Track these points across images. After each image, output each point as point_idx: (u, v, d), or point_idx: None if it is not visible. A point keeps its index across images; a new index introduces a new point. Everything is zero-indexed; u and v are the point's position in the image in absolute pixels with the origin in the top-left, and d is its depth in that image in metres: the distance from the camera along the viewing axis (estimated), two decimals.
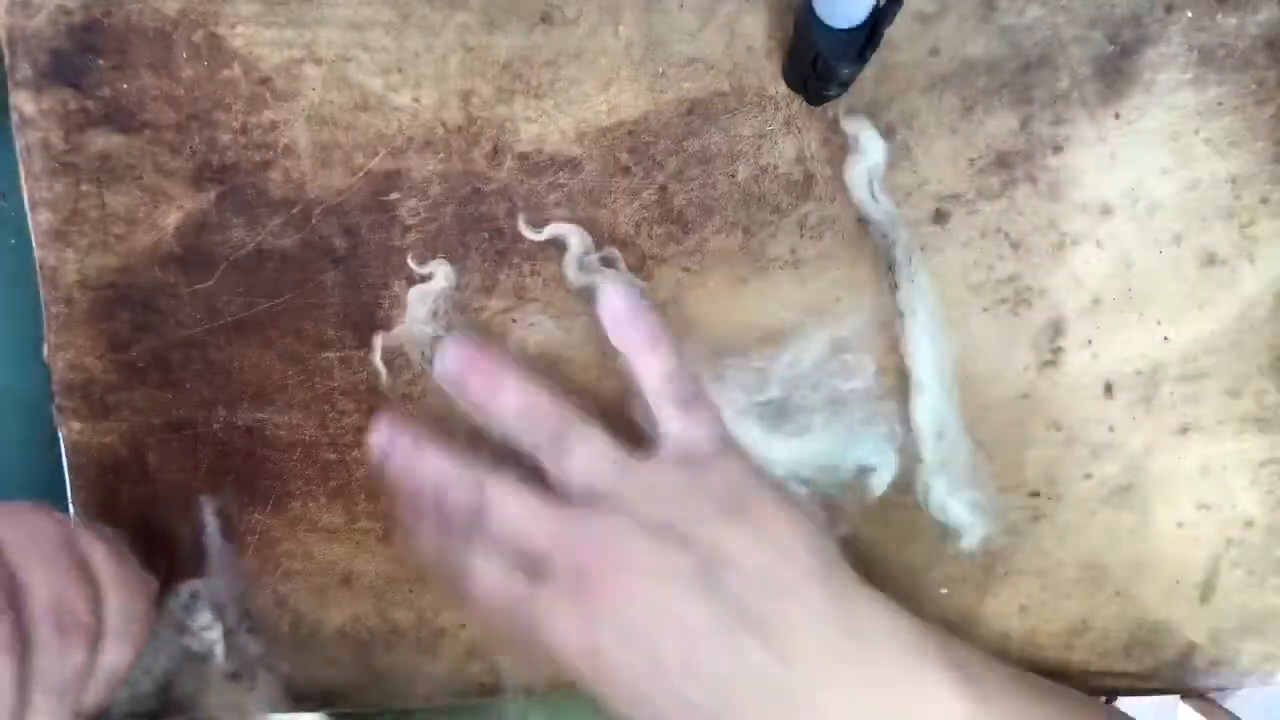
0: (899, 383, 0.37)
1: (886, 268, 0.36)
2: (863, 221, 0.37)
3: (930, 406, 0.36)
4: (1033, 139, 0.36)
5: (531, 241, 0.36)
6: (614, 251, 0.36)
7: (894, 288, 0.36)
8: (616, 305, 0.35)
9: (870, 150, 0.36)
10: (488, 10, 0.35)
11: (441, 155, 0.36)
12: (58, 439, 0.37)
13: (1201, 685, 0.40)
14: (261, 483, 0.38)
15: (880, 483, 0.37)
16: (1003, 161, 0.37)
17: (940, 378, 0.36)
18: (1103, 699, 0.40)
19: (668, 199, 0.36)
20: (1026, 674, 0.33)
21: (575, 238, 0.36)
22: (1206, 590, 0.39)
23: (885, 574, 0.38)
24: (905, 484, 0.37)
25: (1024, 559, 0.39)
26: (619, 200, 0.36)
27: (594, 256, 0.36)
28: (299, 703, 0.39)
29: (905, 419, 0.37)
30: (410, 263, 0.36)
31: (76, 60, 0.35)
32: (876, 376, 0.36)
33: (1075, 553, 0.38)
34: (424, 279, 0.36)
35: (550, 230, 0.36)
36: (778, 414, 0.35)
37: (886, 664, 0.30)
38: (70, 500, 0.37)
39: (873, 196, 0.36)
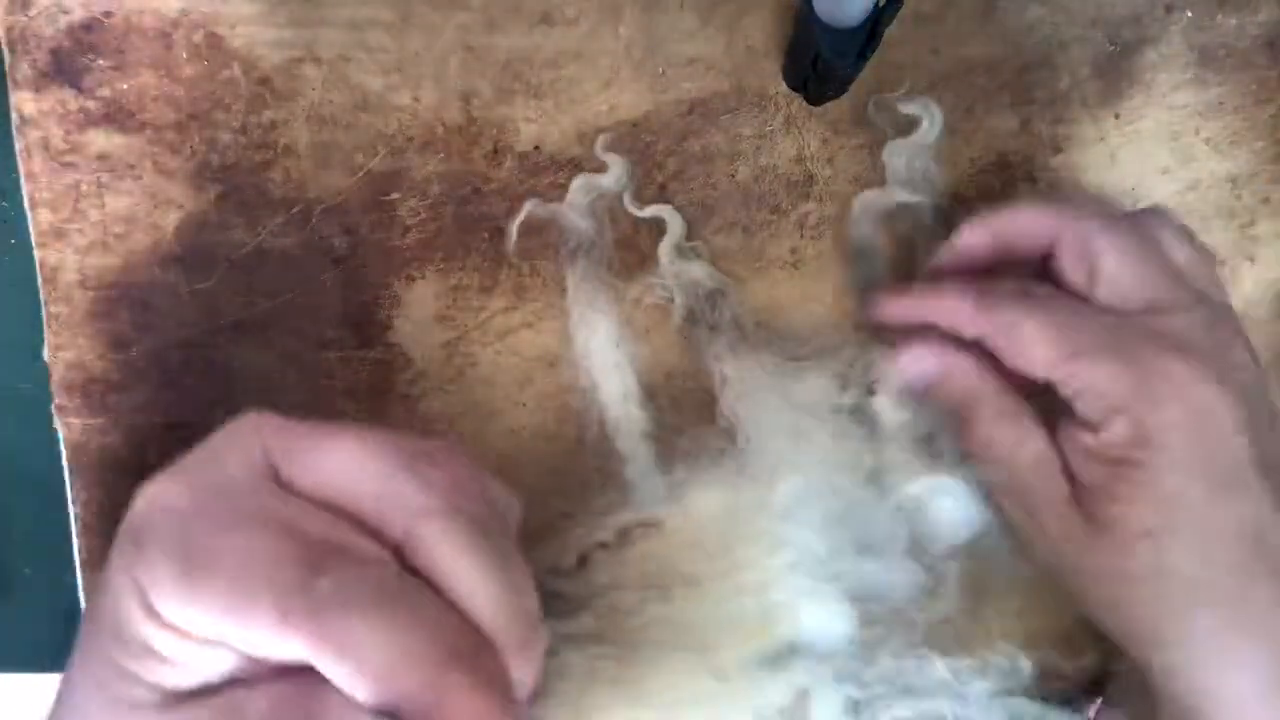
0: None
1: (924, 256, 0.36)
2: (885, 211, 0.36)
3: None
4: (1033, 139, 0.36)
5: (530, 241, 0.36)
6: (699, 244, 0.36)
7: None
8: None
9: (932, 126, 0.35)
10: (488, 10, 0.35)
11: (441, 155, 0.36)
12: (58, 439, 0.37)
13: None
14: None
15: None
16: (1003, 161, 0.37)
17: None
18: (1099, 700, 0.40)
19: (668, 199, 0.36)
20: None
21: (676, 222, 0.36)
22: None
23: None
24: None
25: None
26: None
27: (689, 244, 0.36)
28: None
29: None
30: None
31: (76, 60, 0.35)
32: None
33: None
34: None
35: (653, 210, 0.36)
36: (853, 417, 0.36)
37: None
38: (70, 500, 0.37)
39: (924, 176, 0.36)
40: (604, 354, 0.36)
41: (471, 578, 0.21)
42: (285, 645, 0.20)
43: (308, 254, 0.36)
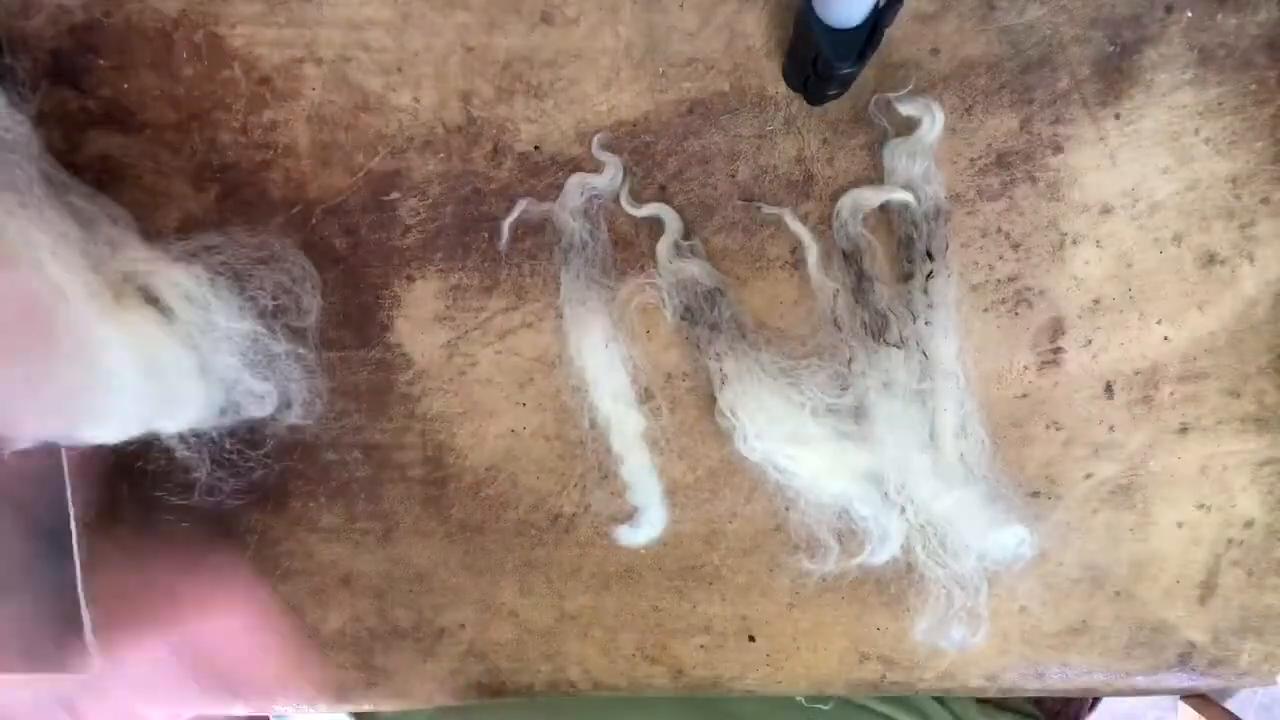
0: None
1: (921, 257, 0.36)
2: (885, 210, 0.36)
3: (955, 401, 0.36)
4: (1033, 139, 0.36)
5: (530, 241, 0.36)
6: (697, 243, 0.36)
7: (928, 276, 0.36)
8: None
9: (933, 127, 0.35)
10: (488, 10, 0.35)
11: (441, 155, 0.36)
12: None
13: (1201, 685, 0.40)
14: (261, 483, 0.38)
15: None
16: (1003, 161, 0.37)
17: (962, 372, 0.36)
18: (1100, 699, 0.40)
19: (668, 199, 0.36)
20: None
21: (674, 221, 0.36)
22: (1206, 590, 0.39)
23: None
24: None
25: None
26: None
27: (686, 242, 0.36)
28: None
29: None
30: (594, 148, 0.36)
31: (76, 60, 0.35)
32: (946, 374, 0.36)
33: (1075, 553, 0.38)
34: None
35: (651, 209, 0.36)
36: (852, 416, 0.36)
37: None
38: (70, 500, 0.37)
39: (924, 176, 0.36)
40: (595, 353, 0.36)
41: None
42: None
43: (308, 254, 0.36)
